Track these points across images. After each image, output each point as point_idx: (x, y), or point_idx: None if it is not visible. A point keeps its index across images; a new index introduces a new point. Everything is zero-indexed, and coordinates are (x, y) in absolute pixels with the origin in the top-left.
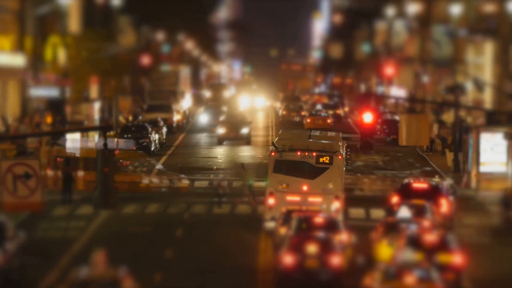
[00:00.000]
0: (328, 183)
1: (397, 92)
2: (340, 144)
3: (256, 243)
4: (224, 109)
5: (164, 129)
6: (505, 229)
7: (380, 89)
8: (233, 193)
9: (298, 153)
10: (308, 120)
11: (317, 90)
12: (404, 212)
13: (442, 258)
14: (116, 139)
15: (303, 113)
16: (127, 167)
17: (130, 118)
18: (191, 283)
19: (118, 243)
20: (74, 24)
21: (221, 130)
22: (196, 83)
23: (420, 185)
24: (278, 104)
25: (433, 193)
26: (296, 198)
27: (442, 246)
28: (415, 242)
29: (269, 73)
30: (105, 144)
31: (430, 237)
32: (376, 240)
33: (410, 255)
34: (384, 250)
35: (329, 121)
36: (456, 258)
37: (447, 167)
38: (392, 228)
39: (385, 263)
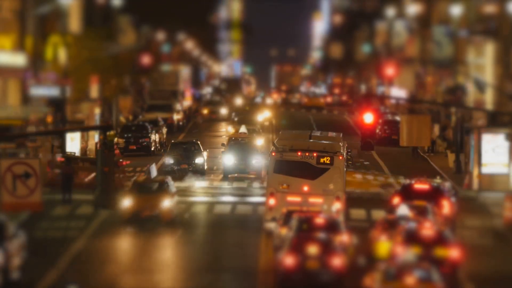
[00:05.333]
0: (328, 183)
1: (398, 92)
2: (341, 145)
3: (256, 244)
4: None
5: (164, 129)
6: None
7: (381, 90)
8: None
9: (299, 154)
10: (306, 100)
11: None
12: (403, 210)
13: (439, 252)
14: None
15: (297, 96)
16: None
17: (130, 117)
18: (191, 284)
19: (118, 243)
20: (74, 23)
21: None
22: (196, 83)
23: (421, 186)
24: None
25: (434, 194)
26: (297, 199)
27: (439, 240)
28: (412, 237)
29: (269, 73)
30: (105, 144)
31: (428, 232)
32: (375, 238)
33: (411, 255)
34: (384, 248)
35: (322, 100)
36: (453, 252)
37: (449, 168)
38: (391, 226)
39: (385, 264)
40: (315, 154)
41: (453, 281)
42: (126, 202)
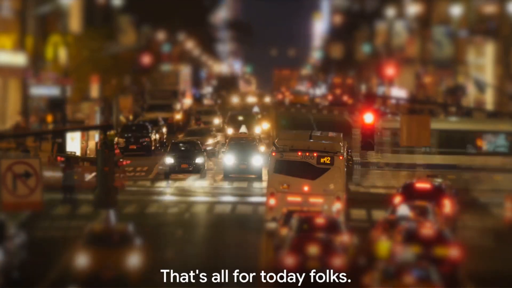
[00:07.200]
0: (329, 183)
1: (398, 92)
2: (341, 145)
3: (257, 244)
4: None
5: (165, 129)
6: None
7: (381, 90)
8: None
9: (299, 154)
10: (291, 97)
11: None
12: (404, 210)
13: (439, 251)
14: None
15: (286, 93)
16: None
17: (131, 117)
18: (191, 284)
19: None
20: (75, 23)
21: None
22: (196, 83)
23: (422, 185)
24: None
25: (436, 194)
26: (297, 199)
27: (439, 239)
28: (412, 236)
29: (270, 73)
30: (105, 143)
31: (427, 231)
32: (376, 238)
33: (410, 254)
34: (384, 248)
35: (306, 98)
36: (453, 251)
37: None
38: (392, 226)
39: (384, 262)
40: (315, 154)
41: (453, 280)
42: (81, 260)
